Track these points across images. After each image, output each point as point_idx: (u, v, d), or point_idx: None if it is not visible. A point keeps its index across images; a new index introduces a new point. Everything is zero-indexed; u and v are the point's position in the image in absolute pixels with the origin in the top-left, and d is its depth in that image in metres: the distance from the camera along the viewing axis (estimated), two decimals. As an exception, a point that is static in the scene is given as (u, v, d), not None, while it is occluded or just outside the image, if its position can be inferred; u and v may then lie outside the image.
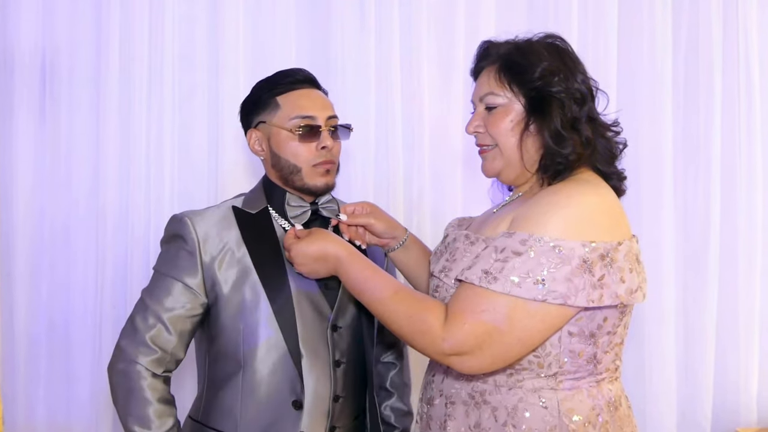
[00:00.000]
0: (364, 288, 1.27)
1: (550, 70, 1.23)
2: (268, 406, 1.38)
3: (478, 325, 1.14)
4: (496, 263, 1.15)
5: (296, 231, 1.36)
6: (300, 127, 1.41)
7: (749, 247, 2.26)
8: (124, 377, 1.36)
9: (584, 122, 1.24)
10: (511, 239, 1.16)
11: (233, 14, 2.12)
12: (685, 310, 2.27)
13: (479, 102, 1.32)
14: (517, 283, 1.12)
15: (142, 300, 1.41)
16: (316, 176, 1.43)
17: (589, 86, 1.28)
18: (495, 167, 1.32)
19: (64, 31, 2.13)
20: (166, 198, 2.12)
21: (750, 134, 2.27)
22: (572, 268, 1.11)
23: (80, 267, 2.14)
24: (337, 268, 1.31)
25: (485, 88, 1.30)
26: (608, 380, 1.26)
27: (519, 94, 1.26)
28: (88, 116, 2.13)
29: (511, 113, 1.26)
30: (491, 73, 1.29)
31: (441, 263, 1.31)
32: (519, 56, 1.27)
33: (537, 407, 1.20)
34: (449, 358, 1.17)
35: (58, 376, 2.14)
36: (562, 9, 2.23)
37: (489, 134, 1.30)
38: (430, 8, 2.20)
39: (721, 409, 2.27)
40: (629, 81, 2.27)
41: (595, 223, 1.15)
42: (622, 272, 1.15)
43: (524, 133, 1.25)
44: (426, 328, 1.18)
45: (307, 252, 1.31)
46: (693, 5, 2.27)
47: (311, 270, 1.33)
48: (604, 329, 1.20)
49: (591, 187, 1.21)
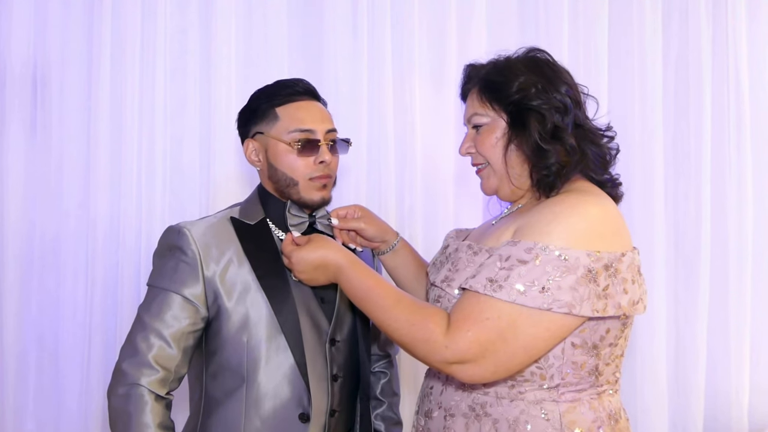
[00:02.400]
0: (365, 296, 1.26)
1: (527, 84, 1.25)
2: (275, 421, 1.35)
3: (482, 332, 1.13)
4: (501, 271, 1.14)
5: (294, 238, 1.34)
6: (299, 141, 1.39)
7: (740, 258, 2.27)
8: (126, 401, 1.30)
9: (569, 131, 1.25)
10: (515, 248, 1.16)
11: (225, 26, 2.12)
12: (676, 323, 2.27)
13: (468, 123, 1.36)
14: (522, 291, 1.11)
15: (140, 318, 1.35)
16: (312, 190, 1.42)
17: (574, 94, 1.28)
18: (492, 185, 1.34)
19: (55, 43, 2.13)
20: (157, 210, 2.11)
21: (740, 144, 2.29)
22: (577, 277, 1.11)
23: (70, 279, 2.12)
24: (337, 276, 1.30)
25: (471, 110, 1.34)
26: (609, 392, 1.26)
27: (501, 111, 1.28)
28: (80, 128, 2.12)
29: (496, 131, 1.29)
30: (474, 94, 1.33)
31: (443, 273, 1.31)
32: (496, 74, 1.30)
33: (539, 419, 1.19)
34: (451, 366, 1.16)
35: (47, 389, 2.12)
36: (552, 22, 2.24)
37: (479, 153, 1.33)
38: (421, 23, 2.20)
39: (713, 421, 2.27)
40: (620, 92, 2.28)
41: (600, 233, 1.16)
42: (625, 283, 1.16)
43: (508, 149, 1.28)
44: (428, 336, 1.16)
45: (308, 259, 1.30)
46: (683, 15, 2.29)
47: (311, 278, 1.32)
48: (606, 341, 1.20)
49: (593, 198, 1.22)
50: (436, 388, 1.34)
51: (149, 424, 1.29)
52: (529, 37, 2.25)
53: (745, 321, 2.27)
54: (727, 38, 2.28)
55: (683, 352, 2.27)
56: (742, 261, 2.27)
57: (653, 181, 2.24)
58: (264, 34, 2.16)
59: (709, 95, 2.27)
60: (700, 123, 2.27)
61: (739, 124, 2.28)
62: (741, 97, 2.28)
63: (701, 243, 2.25)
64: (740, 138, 2.28)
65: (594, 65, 2.25)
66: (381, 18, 2.17)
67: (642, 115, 2.26)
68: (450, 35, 2.20)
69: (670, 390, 2.25)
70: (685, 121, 2.29)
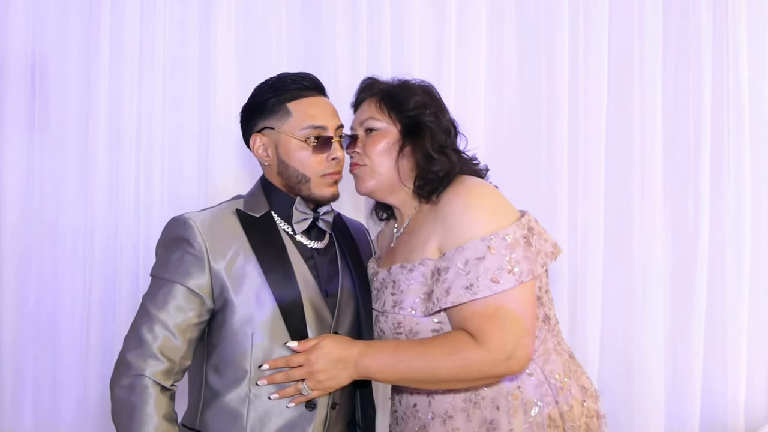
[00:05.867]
0: (396, 362, 1.31)
1: (423, 103, 1.46)
2: (280, 410, 1.36)
3: (502, 324, 1.26)
4: (469, 275, 1.27)
5: (296, 347, 1.34)
6: (314, 138, 1.40)
7: (737, 258, 2.27)
8: (130, 392, 1.28)
9: (451, 151, 1.45)
10: (464, 252, 1.28)
11: (224, 20, 2.12)
12: (673, 322, 2.28)
13: (359, 126, 1.50)
14: (497, 281, 1.26)
15: (144, 309, 1.34)
16: (324, 186, 1.42)
17: (453, 124, 1.50)
18: (368, 185, 1.48)
19: (53, 37, 2.12)
20: (155, 202, 2.11)
21: (739, 145, 2.27)
22: (522, 247, 1.30)
23: (68, 272, 2.12)
24: (361, 359, 1.32)
25: (366, 114, 1.49)
26: (560, 336, 1.47)
27: (396, 121, 1.46)
28: (78, 121, 2.12)
29: (388, 136, 1.46)
30: (372, 103, 1.49)
31: (389, 300, 1.39)
32: (397, 90, 1.49)
33: (527, 379, 1.36)
34: (506, 362, 1.27)
35: (45, 382, 2.12)
36: (552, 21, 2.23)
37: (365, 155, 1.47)
38: (421, 23, 2.19)
39: (709, 421, 2.28)
40: (620, 92, 2.27)
41: (505, 205, 1.37)
42: (543, 235, 1.39)
43: (399, 154, 1.45)
44: (469, 355, 1.26)
45: (330, 355, 1.31)
46: (683, 15, 2.28)
47: (331, 375, 1.32)
48: (543, 289, 1.41)
49: (474, 180, 1.40)
50: (420, 402, 1.41)
51: (153, 416, 1.28)
52: (528, 37, 2.24)
53: (741, 318, 2.27)
54: (727, 38, 2.27)
55: (679, 352, 2.27)
56: (739, 261, 2.27)
57: (652, 181, 2.24)
58: (263, 28, 2.15)
59: (709, 95, 2.27)
60: (700, 123, 2.26)
61: (738, 125, 2.27)
62: (741, 96, 2.27)
63: (699, 243, 2.25)
64: (739, 138, 2.28)
65: (594, 65, 2.24)
66: (379, 15, 2.16)
67: (641, 114, 2.25)
68: (449, 36, 2.19)
69: (666, 388, 2.25)
70: (685, 121, 2.28)
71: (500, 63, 2.24)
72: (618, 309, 2.23)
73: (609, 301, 2.25)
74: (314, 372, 1.31)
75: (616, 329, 2.24)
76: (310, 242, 1.46)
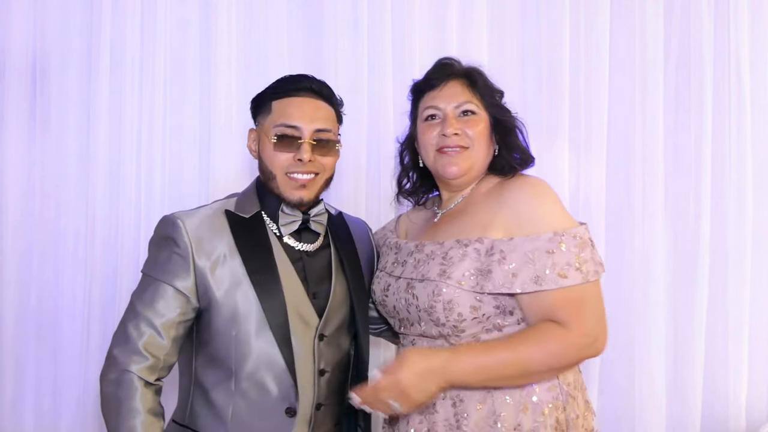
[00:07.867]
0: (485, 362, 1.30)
1: (501, 95, 1.56)
2: (261, 413, 1.38)
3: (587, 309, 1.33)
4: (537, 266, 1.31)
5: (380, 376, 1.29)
6: (277, 135, 1.42)
7: (739, 257, 2.26)
8: (117, 386, 1.33)
9: None
10: (536, 242, 1.32)
11: (226, 18, 2.12)
12: (674, 321, 2.27)
13: (457, 109, 1.50)
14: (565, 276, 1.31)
15: (132, 305, 1.38)
16: (290, 188, 1.43)
17: None
18: (465, 167, 1.49)
19: (55, 35, 2.12)
20: (156, 201, 2.11)
21: (740, 145, 2.27)
22: (589, 248, 1.37)
23: (69, 270, 2.12)
24: (448, 367, 1.29)
25: (463, 97, 1.50)
26: None
27: (484, 108, 1.51)
28: (79, 119, 2.12)
29: (484, 122, 1.51)
30: (462, 85, 1.52)
31: (435, 269, 1.37)
32: (482, 78, 1.53)
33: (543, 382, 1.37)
34: (594, 344, 1.33)
35: (46, 381, 2.12)
36: (553, 20, 2.23)
37: (467, 137, 1.48)
38: (422, 22, 2.19)
39: (711, 419, 2.27)
40: (620, 91, 2.27)
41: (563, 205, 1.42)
42: (595, 248, 1.42)
43: (491, 140, 1.52)
44: (560, 342, 1.31)
45: (416, 369, 1.28)
46: (684, 14, 2.28)
47: (420, 389, 1.28)
48: None
49: (536, 178, 1.45)
50: None
51: (139, 410, 1.31)
52: (530, 36, 2.24)
53: (743, 318, 2.27)
54: (729, 37, 2.27)
55: (681, 351, 2.27)
56: (740, 260, 2.27)
57: (654, 180, 2.24)
58: (264, 27, 2.15)
59: (710, 95, 2.26)
60: (701, 123, 2.26)
61: (740, 124, 2.27)
62: (742, 96, 2.27)
63: (700, 242, 2.24)
64: (741, 138, 2.28)
65: (595, 64, 2.24)
66: (381, 16, 2.16)
67: (642, 114, 2.25)
68: (451, 35, 2.19)
69: (668, 388, 2.25)
70: (686, 119, 2.28)
71: (502, 63, 2.23)
72: (619, 308, 2.23)
73: (610, 300, 2.23)
74: (403, 390, 1.27)
75: (617, 328, 2.24)
76: (298, 244, 1.47)
